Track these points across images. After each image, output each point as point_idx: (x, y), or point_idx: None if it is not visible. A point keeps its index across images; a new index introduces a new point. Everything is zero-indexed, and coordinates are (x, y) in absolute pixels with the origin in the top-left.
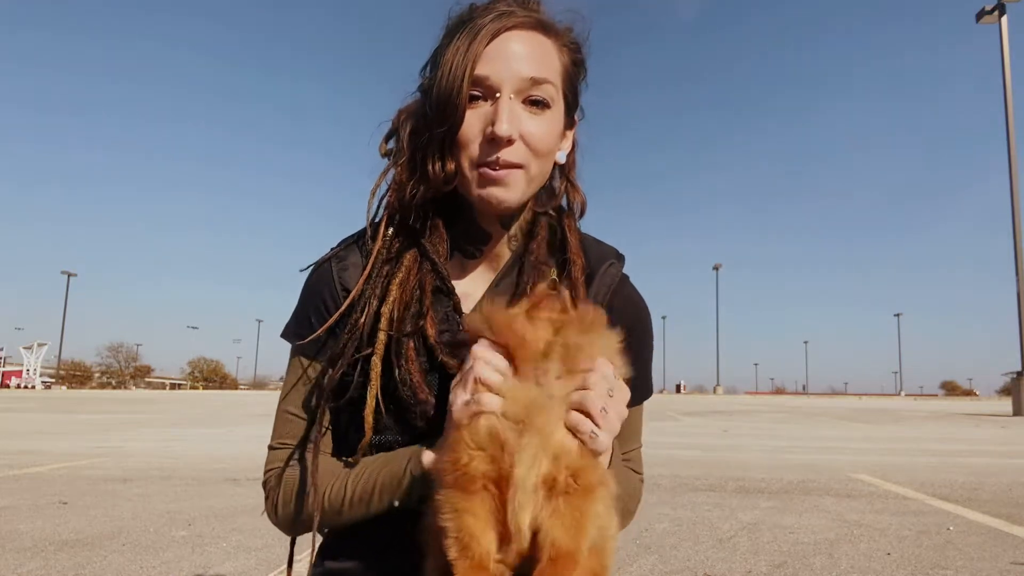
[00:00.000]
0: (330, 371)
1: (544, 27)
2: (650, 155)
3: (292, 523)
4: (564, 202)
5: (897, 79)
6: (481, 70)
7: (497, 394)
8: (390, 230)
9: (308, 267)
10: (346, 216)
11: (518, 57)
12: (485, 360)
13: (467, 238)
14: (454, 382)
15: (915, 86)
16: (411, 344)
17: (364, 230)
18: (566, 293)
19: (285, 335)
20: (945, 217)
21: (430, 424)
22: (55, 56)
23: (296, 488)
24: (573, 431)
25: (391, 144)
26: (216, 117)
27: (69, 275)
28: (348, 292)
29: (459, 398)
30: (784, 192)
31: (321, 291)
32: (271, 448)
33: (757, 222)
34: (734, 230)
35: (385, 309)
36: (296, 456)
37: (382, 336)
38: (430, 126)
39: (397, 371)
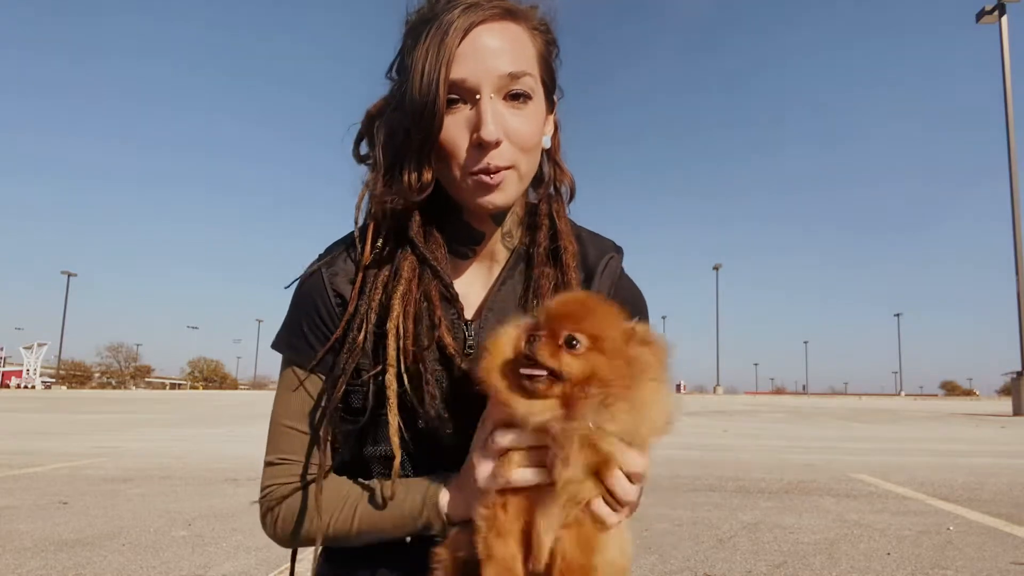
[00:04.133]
0: (332, 393)
1: (513, 14)
2: (650, 154)
3: (291, 542)
4: (552, 188)
5: (898, 77)
6: (456, 73)
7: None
8: (379, 241)
9: (293, 283)
10: (350, 213)
11: (493, 53)
12: (504, 431)
13: (459, 239)
14: (476, 445)
15: (916, 85)
16: (428, 358)
17: (351, 235)
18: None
19: (276, 346)
20: (945, 217)
21: (442, 433)
22: (52, 52)
23: (299, 510)
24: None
25: (364, 150)
26: (217, 113)
27: (69, 275)
28: (342, 297)
29: (483, 468)
30: (784, 192)
31: (313, 298)
32: (269, 464)
33: (757, 222)
34: (734, 230)
35: (391, 325)
36: (300, 476)
37: (392, 352)
38: (407, 134)
39: (411, 387)
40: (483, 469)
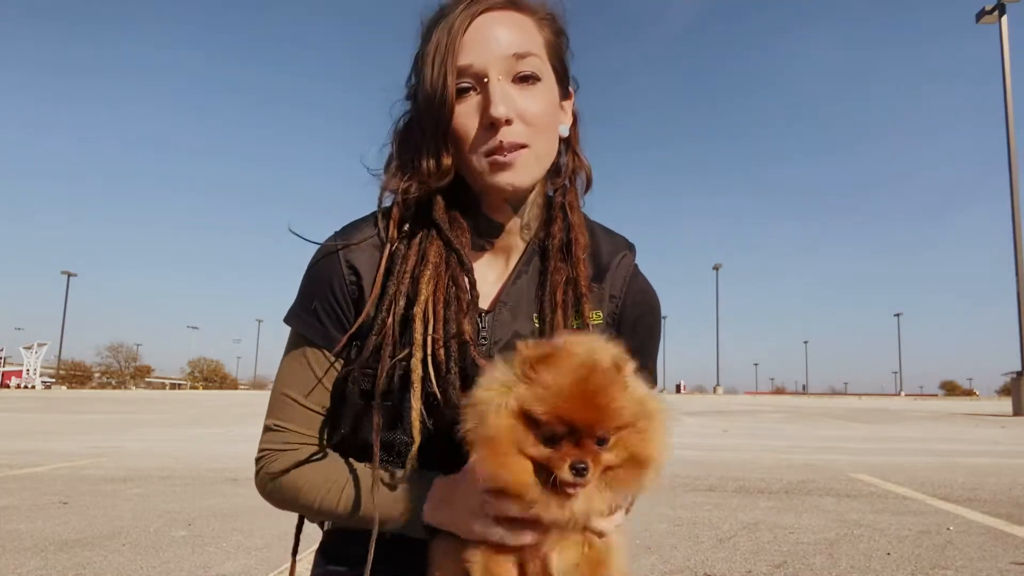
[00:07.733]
0: (356, 372)
1: (516, 5)
2: (650, 153)
3: (281, 505)
4: (567, 179)
5: (897, 78)
6: (463, 59)
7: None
8: (405, 226)
9: (312, 256)
10: (351, 213)
11: (497, 38)
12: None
13: (477, 231)
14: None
15: (915, 85)
16: (455, 345)
17: (371, 216)
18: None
19: (288, 320)
20: (945, 216)
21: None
22: (52, 53)
23: (293, 479)
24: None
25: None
26: (218, 111)
27: (69, 275)
28: (356, 272)
29: (477, 525)
30: (785, 192)
31: (328, 274)
32: (268, 428)
33: (757, 222)
34: (734, 230)
35: (418, 309)
36: (298, 444)
37: (419, 337)
38: (421, 125)
39: (435, 373)
40: (477, 526)
